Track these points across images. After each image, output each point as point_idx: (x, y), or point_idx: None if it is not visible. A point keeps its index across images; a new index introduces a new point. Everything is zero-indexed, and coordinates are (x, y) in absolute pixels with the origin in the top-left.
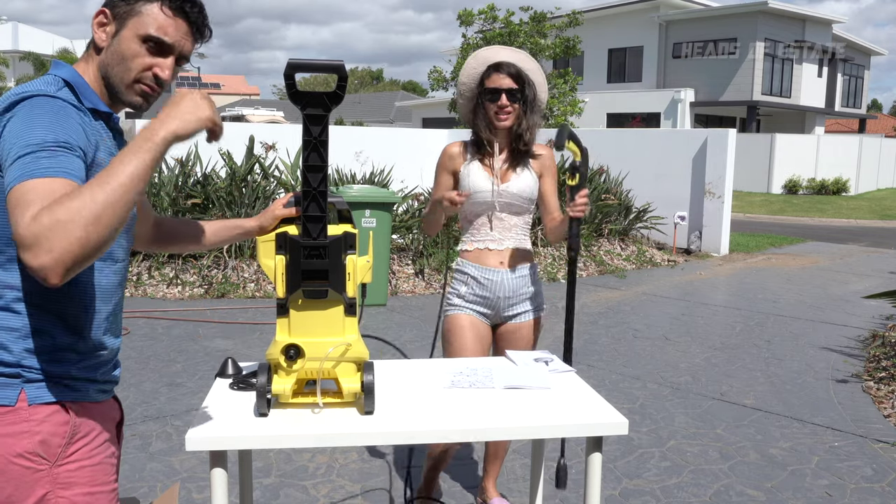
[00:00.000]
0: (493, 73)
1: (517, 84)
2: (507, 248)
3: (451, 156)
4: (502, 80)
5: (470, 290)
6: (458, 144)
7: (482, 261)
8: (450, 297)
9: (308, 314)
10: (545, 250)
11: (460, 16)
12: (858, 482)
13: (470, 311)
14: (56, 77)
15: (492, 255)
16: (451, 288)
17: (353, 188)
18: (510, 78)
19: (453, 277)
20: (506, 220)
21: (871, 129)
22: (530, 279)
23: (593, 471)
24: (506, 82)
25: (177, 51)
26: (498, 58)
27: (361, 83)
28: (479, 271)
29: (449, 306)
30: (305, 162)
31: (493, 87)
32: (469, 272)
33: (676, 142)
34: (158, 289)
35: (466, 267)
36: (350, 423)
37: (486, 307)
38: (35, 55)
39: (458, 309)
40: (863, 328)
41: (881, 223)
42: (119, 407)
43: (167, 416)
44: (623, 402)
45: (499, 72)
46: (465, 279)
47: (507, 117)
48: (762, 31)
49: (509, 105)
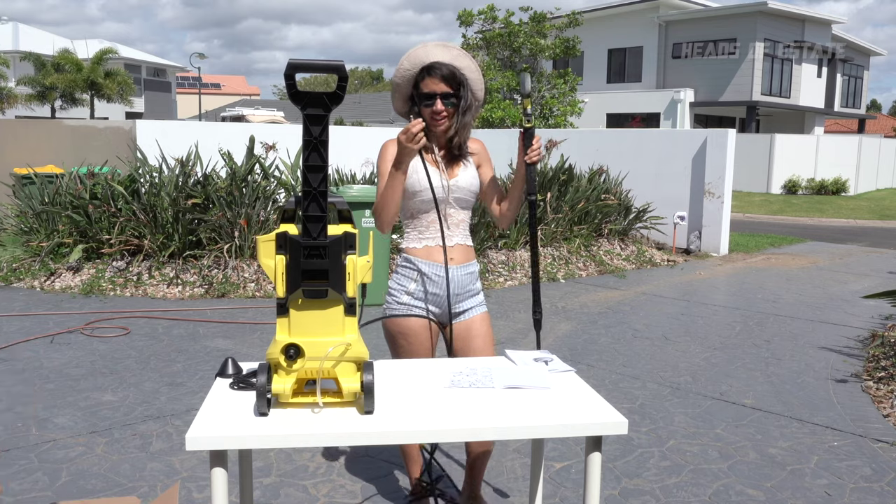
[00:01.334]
0: (427, 76)
1: (451, 87)
2: (456, 244)
3: (393, 151)
4: (436, 84)
5: (420, 287)
6: (393, 141)
7: (433, 257)
8: (396, 294)
9: (308, 314)
10: (545, 250)
11: (460, 16)
12: (858, 482)
13: (420, 311)
14: None
15: (441, 250)
16: (397, 285)
17: (354, 188)
18: (444, 82)
19: (397, 274)
20: (454, 216)
21: (870, 130)
22: (476, 275)
23: (593, 470)
24: (440, 87)
25: None
26: (430, 58)
27: (361, 83)
28: (430, 268)
29: (398, 305)
30: (306, 162)
31: (428, 92)
32: (420, 269)
33: (676, 142)
34: (159, 289)
35: (417, 263)
36: (350, 423)
37: (436, 305)
38: (35, 55)
39: (408, 308)
40: (862, 328)
41: (880, 223)
42: None
43: (167, 415)
44: (622, 402)
45: (432, 75)
46: (414, 276)
47: (443, 121)
48: (762, 31)
49: (444, 109)
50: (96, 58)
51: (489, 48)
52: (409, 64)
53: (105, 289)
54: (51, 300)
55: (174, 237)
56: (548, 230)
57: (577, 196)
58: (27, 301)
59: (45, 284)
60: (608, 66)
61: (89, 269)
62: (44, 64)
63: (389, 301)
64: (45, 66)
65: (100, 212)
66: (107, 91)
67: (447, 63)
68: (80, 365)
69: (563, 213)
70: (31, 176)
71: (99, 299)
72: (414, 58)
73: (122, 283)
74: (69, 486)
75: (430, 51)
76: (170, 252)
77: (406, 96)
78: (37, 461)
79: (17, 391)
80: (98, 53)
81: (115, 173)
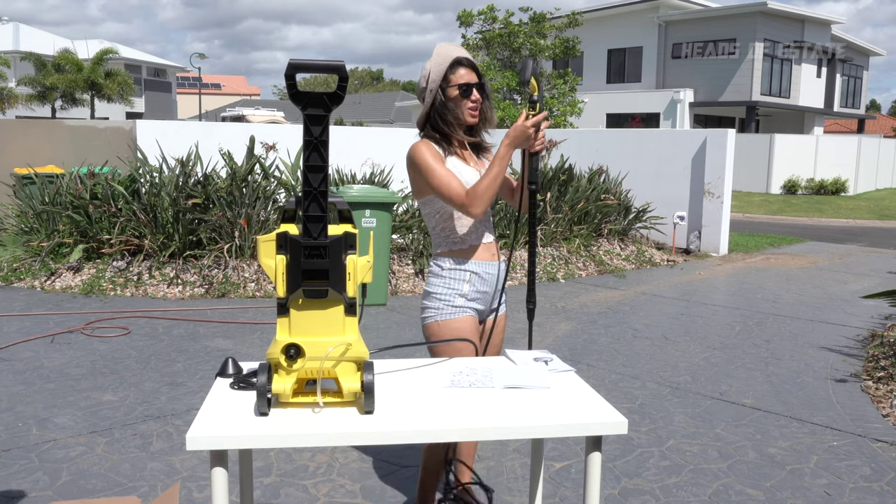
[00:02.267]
0: (459, 67)
1: (479, 78)
2: (492, 240)
3: (434, 149)
4: (470, 75)
5: (473, 287)
6: (426, 141)
7: (481, 256)
8: (448, 298)
9: (308, 314)
10: (545, 250)
11: (460, 17)
12: (857, 481)
13: (472, 312)
14: None
15: (487, 248)
16: (447, 290)
17: (354, 188)
18: (475, 72)
19: (442, 278)
20: (488, 212)
21: (869, 130)
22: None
23: (593, 470)
24: (473, 77)
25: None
26: (457, 53)
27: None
28: (481, 267)
29: (453, 308)
30: (306, 162)
31: (465, 84)
32: (472, 269)
33: (676, 142)
34: (159, 289)
35: (467, 264)
36: (350, 423)
37: (483, 303)
38: (36, 55)
39: (463, 311)
40: (861, 328)
41: (880, 223)
42: None
43: (168, 415)
44: (622, 402)
45: (463, 66)
46: (466, 277)
47: (478, 112)
48: (761, 31)
49: (480, 99)
50: (96, 58)
51: (489, 48)
52: (441, 59)
53: (105, 289)
54: (51, 300)
55: (174, 237)
56: (548, 230)
57: (577, 196)
58: (27, 301)
59: (46, 284)
60: (608, 67)
61: (89, 269)
62: (44, 64)
63: (440, 307)
64: (46, 67)
65: (100, 212)
66: (107, 91)
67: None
68: (81, 365)
69: (563, 213)
70: (32, 176)
71: (99, 299)
72: (444, 53)
73: (122, 283)
74: (69, 486)
75: (448, 49)
76: (170, 252)
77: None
78: (37, 461)
79: (17, 391)
80: (98, 53)
81: (116, 173)
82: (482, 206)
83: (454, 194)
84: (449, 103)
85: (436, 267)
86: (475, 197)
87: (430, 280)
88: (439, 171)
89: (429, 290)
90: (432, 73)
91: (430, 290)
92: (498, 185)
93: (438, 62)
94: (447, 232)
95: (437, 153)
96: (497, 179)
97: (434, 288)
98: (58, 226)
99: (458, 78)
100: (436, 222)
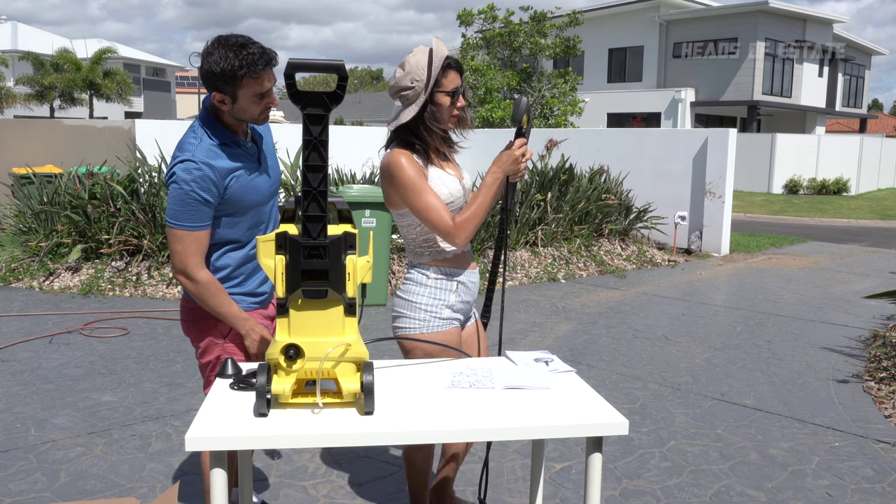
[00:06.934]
0: (449, 70)
1: (461, 80)
2: (469, 248)
3: (417, 164)
4: (457, 78)
5: (459, 297)
6: (406, 152)
7: (464, 265)
8: (434, 309)
9: (308, 314)
10: (545, 251)
11: (460, 16)
12: (859, 482)
13: (458, 324)
14: None
15: (467, 256)
16: (434, 300)
17: (353, 188)
18: (460, 75)
19: (427, 287)
20: None
21: (871, 129)
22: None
23: (593, 471)
24: (459, 80)
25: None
26: (446, 51)
27: (361, 83)
28: (466, 276)
29: (440, 321)
30: (305, 162)
31: (453, 88)
32: (459, 279)
33: (677, 142)
34: (158, 289)
35: (454, 274)
36: (350, 423)
37: (465, 314)
38: (34, 55)
39: (450, 323)
40: (863, 328)
41: (882, 223)
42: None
43: (167, 416)
44: (623, 403)
45: (452, 68)
46: (453, 287)
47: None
48: (763, 30)
49: (465, 105)
50: (95, 57)
51: (489, 48)
52: (436, 60)
53: (104, 289)
54: (50, 300)
55: None
56: (548, 230)
57: (578, 196)
58: (26, 301)
59: (44, 284)
60: (609, 66)
61: (88, 270)
62: (42, 63)
63: (425, 318)
64: (44, 66)
65: (99, 212)
66: (106, 91)
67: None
68: (80, 365)
69: (564, 212)
70: (30, 176)
71: (98, 299)
72: (439, 52)
73: (121, 284)
74: (68, 487)
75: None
76: (169, 252)
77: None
78: (36, 462)
79: (15, 392)
80: (97, 53)
81: (115, 173)
82: (467, 237)
83: (441, 223)
84: (436, 108)
85: (419, 275)
86: (462, 228)
87: (411, 289)
88: (425, 194)
89: (410, 300)
90: (424, 73)
91: (413, 300)
92: (485, 215)
93: (433, 63)
94: (430, 243)
95: (419, 168)
96: (484, 208)
97: (417, 297)
98: (56, 226)
99: (449, 82)
100: (416, 234)
